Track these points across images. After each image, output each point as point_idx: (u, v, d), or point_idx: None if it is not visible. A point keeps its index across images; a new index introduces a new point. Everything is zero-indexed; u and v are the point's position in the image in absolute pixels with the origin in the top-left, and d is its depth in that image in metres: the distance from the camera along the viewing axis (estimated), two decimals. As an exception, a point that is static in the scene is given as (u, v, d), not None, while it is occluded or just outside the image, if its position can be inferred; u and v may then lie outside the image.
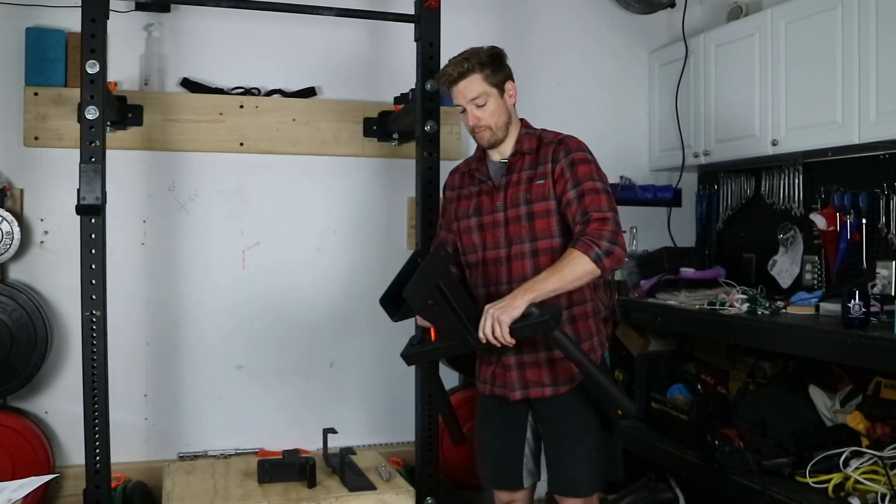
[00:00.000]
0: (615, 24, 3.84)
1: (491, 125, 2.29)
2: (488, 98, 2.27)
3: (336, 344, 3.45)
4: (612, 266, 2.14)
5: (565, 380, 2.30)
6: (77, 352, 2.92)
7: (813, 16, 2.94)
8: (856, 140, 2.79)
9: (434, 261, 2.12)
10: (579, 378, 2.27)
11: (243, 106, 3.26)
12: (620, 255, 2.14)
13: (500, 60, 2.31)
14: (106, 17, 2.45)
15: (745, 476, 2.71)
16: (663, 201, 3.87)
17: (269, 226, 3.35)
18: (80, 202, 2.39)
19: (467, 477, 3.52)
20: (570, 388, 2.30)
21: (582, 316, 2.31)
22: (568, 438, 2.32)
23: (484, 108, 2.28)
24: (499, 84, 2.28)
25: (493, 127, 2.30)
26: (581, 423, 2.31)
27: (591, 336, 2.33)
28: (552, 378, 2.31)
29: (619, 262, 2.15)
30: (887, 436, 2.58)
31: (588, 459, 2.31)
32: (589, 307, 2.33)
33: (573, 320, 2.29)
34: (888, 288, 2.86)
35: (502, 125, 2.31)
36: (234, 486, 2.71)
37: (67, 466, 3.08)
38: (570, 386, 2.30)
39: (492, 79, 2.27)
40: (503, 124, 2.31)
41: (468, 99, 2.27)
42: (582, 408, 2.31)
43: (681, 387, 3.31)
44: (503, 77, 2.30)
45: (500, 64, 2.30)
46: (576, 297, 2.28)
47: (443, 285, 2.07)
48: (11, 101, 3.04)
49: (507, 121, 2.32)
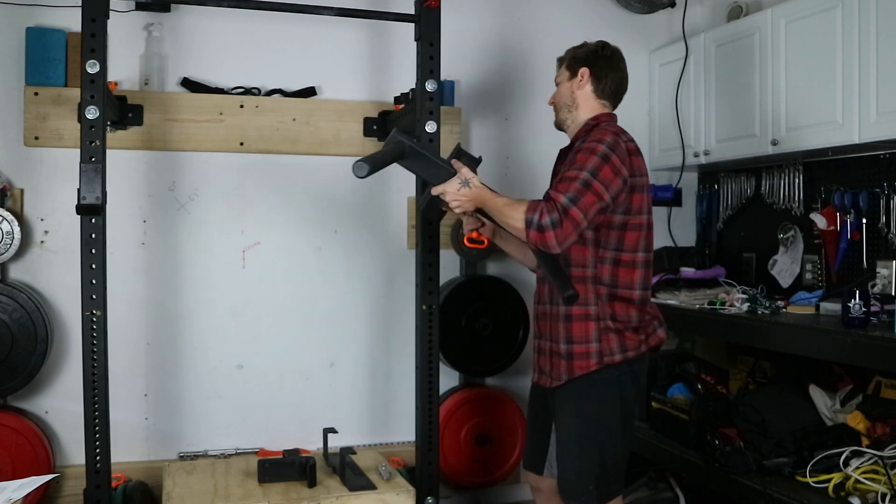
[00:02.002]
0: (615, 24, 3.84)
1: (555, 104, 2.41)
2: (560, 80, 2.39)
3: (336, 344, 3.45)
4: (535, 240, 2.07)
5: (556, 376, 2.30)
6: (77, 351, 2.92)
7: (813, 15, 2.94)
8: (856, 139, 2.79)
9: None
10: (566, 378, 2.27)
11: (243, 106, 3.26)
12: (549, 240, 2.05)
13: (588, 52, 2.36)
14: (106, 17, 2.45)
15: (745, 476, 2.71)
16: (663, 201, 3.87)
17: (269, 226, 3.35)
18: (81, 202, 2.39)
19: (467, 477, 3.53)
20: (559, 385, 2.30)
21: (579, 318, 2.25)
22: (559, 438, 2.34)
23: (557, 88, 2.41)
24: (573, 69, 2.35)
25: (557, 106, 2.40)
26: (568, 430, 2.30)
27: (586, 341, 2.24)
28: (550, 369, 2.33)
29: (544, 245, 2.07)
30: (887, 435, 2.58)
31: (571, 468, 2.29)
32: (592, 311, 2.24)
33: (568, 319, 2.26)
34: (888, 287, 2.86)
35: (563, 106, 2.38)
36: (235, 486, 2.72)
37: (68, 466, 3.08)
38: (559, 383, 2.29)
39: (570, 64, 2.36)
40: (564, 106, 2.37)
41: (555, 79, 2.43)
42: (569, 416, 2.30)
43: (681, 386, 3.31)
44: (580, 64, 2.34)
45: (586, 54, 2.36)
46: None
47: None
48: (12, 101, 3.04)
49: (569, 104, 2.36)
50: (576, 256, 2.24)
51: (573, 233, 2.07)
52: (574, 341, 2.25)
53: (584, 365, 2.24)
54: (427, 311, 2.80)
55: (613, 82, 2.34)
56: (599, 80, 2.32)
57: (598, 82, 2.32)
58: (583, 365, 2.24)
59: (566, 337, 2.26)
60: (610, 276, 2.24)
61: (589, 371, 2.24)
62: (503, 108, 3.66)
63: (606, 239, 2.22)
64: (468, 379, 3.59)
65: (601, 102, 2.34)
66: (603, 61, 2.34)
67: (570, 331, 2.26)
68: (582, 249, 2.23)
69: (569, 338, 2.26)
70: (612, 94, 2.35)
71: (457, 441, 3.48)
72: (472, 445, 3.51)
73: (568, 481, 2.30)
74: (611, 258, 2.23)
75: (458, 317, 3.47)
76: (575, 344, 2.25)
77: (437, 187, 2.23)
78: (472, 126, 3.62)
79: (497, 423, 3.55)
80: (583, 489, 2.27)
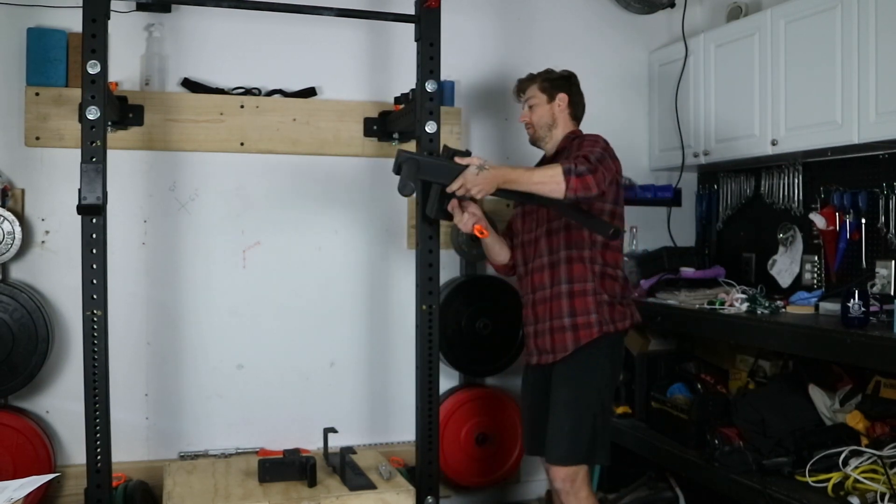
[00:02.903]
0: (615, 24, 3.85)
1: (533, 123, 2.74)
2: (537, 102, 2.72)
3: (336, 344, 3.45)
4: (577, 186, 2.34)
5: (561, 348, 2.60)
6: (78, 351, 2.92)
7: (812, 15, 2.94)
8: (855, 140, 2.80)
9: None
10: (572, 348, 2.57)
11: (244, 106, 3.26)
12: (590, 181, 2.35)
13: (562, 80, 2.75)
14: (107, 18, 2.45)
15: (744, 475, 2.71)
16: (663, 201, 3.87)
17: (269, 226, 3.35)
18: (81, 202, 2.39)
19: (467, 477, 3.53)
20: (564, 356, 2.59)
21: (580, 293, 2.58)
22: (554, 406, 2.60)
23: (533, 109, 2.73)
24: (550, 93, 2.72)
25: (536, 126, 2.73)
26: (565, 395, 2.58)
27: (588, 312, 2.57)
28: (552, 346, 2.62)
29: (585, 187, 2.35)
30: (887, 435, 2.58)
31: (565, 430, 2.55)
32: (589, 286, 2.58)
33: (571, 295, 2.59)
34: (887, 287, 2.87)
35: (543, 126, 2.73)
36: (235, 486, 2.72)
37: (68, 466, 3.08)
38: (564, 354, 2.59)
39: (546, 88, 2.72)
40: (543, 125, 2.73)
41: (524, 100, 2.77)
42: (567, 382, 2.59)
43: (681, 386, 3.31)
44: (557, 90, 2.72)
45: (560, 82, 2.74)
46: (576, 275, 2.58)
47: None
48: (12, 101, 3.05)
49: (549, 123, 2.72)
50: (576, 239, 2.59)
51: (603, 181, 2.40)
52: (577, 314, 2.58)
53: (588, 334, 2.57)
54: (427, 311, 2.80)
55: (582, 106, 2.79)
56: (575, 105, 2.75)
57: (573, 107, 2.75)
58: (587, 334, 2.57)
59: (570, 311, 2.58)
60: (601, 257, 2.61)
61: (592, 339, 2.56)
62: (503, 108, 3.66)
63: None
64: (468, 379, 3.59)
65: (573, 123, 2.76)
66: (575, 88, 2.76)
67: (573, 305, 2.58)
68: (580, 233, 2.58)
69: (572, 311, 2.58)
70: (581, 115, 2.79)
71: (457, 441, 3.48)
72: (472, 445, 3.52)
73: (561, 446, 2.56)
74: (601, 241, 2.59)
75: (458, 317, 3.47)
76: (579, 316, 2.57)
77: (454, 183, 2.39)
78: (472, 126, 3.63)
79: (497, 422, 3.55)
80: (576, 450, 2.55)
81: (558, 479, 2.58)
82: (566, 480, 2.56)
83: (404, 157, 2.39)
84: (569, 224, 2.58)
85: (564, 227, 2.59)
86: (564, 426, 2.56)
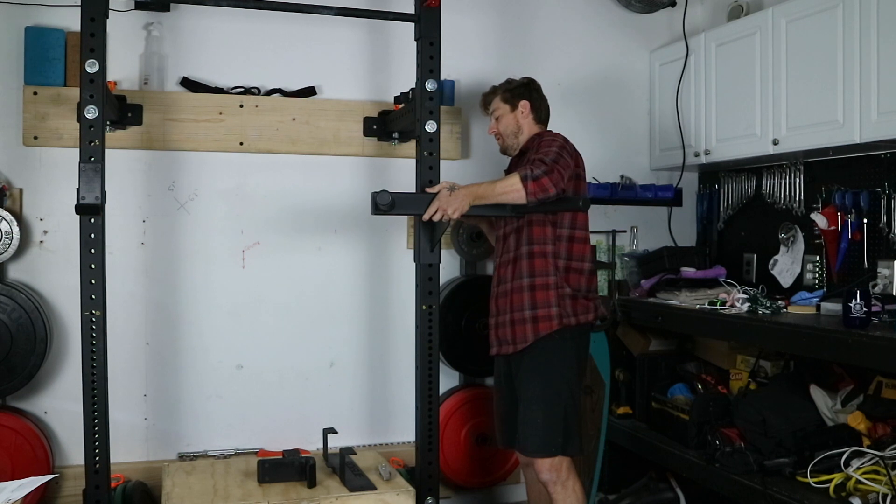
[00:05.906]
0: (616, 23, 3.84)
1: (501, 133, 2.87)
2: (501, 113, 2.85)
3: (336, 344, 3.44)
4: (534, 189, 2.49)
5: (521, 339, 2.68)
6: (77, 352, 2.92)
7: (814, 15, 2.94)
8: (857, 139, 2.79)
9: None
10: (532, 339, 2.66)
11: (243, 105, 3.26)
12: (546, 183, 2.49)
13: (521, 87, 2.85)
14: (105, 17, 2.44)
15: (745, 476, 2.71)
16: (664, 201, 3.87)
17: (269, 226, 3.34)
18: (80, 202, 2.39)
19: (467, 477, 3.53)
20: (524, 347, 2.68)
21: (542, 287, 2.68)
22: (525, 401, 2.69)
23: (499, 120, 2.86)
24: (512, 102, 2.83)
25: (504, 135, 2.86)
26: (536, 389, 2.67)
27: (548, 305, 2.67)
28: (513, 337, 2.71)
29: (542, 190, 2.50)
30: (888, 436, 2.58)
31: (538, 423, 2.64)
32: (551, 280, 2.68)
33: (532, 288, 2.68)
34: (889, 287, 2.86)
35: (510, 134, 2.85)
36: (234, 486, 2.71)
37: (67, 466, 3.07)
38: (524, 345, 2.68)
39: (508, 98, 2.84)
40: (511, 133, 2.85)
41: (490, 112, 2.90)
42: (536, 377, 2.67)
43: (681, 386, 3.31)
44: (518, 98, 2.83)
45: (520, 90, 2.84)
46: (538, 269, 2.68)
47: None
48: (11, 101, 3.04)
49: (515, 131, 2.84)
50: (537, 235, 2.69)
51: (561, 180, 2.54)
52: (538, 306, 2.67)
53: (547, 326, 2.66)
54: (427, 311, 2.80)
55: (545, 109, 2.89)
56: (537, 109, 2.85)
57: (536, 111, 2.85)
58: (546, 326, 2.66)
59: (531, 304, 2.67)
60: (566, 251, 2.71)
61: (552, 331, 2.65)
62: (503, 107, 3.64)
63: (562, 219, 2.71)
64: (468, 379, 3.59)
65: (539, 126, 2.87)
66: (536, 93, 2.86)
67: (534, 298, 2.68)
68: (542, 229, 2.69)
69: (533, 304, 2.67)
70: (546, 118, 2.89)
71: (457, 441, 3.48)
72: (472, 445, 3.51)
73: (534, 439, 2.65)
74: (566, 235, 2.71)
75: (458, 317, 3.47)
76: (539, 308, 2.67)
77: (430, 208, 2.51)
78: (472, 126, 3.62)
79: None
80: (552, 442, 2.64)
81: (544, 471, 2.66)
82: (552, 470, 2.66)
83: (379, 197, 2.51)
84: (532, 220, 2.69)
85: (528, 224, 2.70)
86: (537, 419, 2.65)
